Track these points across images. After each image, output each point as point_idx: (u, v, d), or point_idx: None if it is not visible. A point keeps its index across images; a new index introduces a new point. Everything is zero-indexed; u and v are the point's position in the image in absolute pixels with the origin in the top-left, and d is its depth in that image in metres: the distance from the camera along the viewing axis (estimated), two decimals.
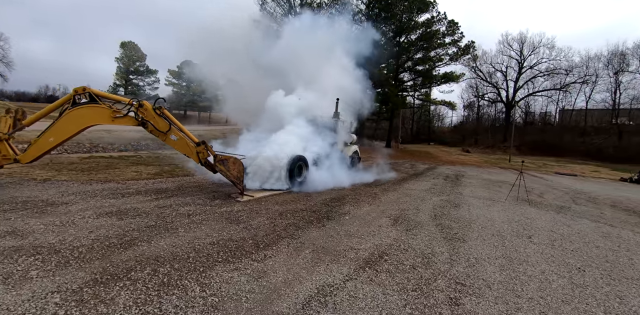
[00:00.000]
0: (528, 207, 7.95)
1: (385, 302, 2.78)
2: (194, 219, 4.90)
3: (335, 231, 4.82)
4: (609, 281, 3.74)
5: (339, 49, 16.05)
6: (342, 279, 3.18)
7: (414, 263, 3.77)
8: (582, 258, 4.48)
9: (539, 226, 6.14)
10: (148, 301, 2.53)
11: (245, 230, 4.50)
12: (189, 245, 3.78)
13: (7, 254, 3.14)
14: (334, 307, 2.63)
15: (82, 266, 3.03)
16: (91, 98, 5.66)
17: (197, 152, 6.28)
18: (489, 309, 2.83)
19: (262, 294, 2.77)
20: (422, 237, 4.83)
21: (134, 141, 17.89)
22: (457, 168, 18.52)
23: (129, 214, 4.87)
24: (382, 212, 6.32)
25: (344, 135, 11.66)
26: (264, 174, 8.03)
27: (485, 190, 10.50)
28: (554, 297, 3.20)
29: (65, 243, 3.54)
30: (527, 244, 4.95)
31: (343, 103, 14.66)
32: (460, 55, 26.69)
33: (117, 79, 55.42)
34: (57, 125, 5.46)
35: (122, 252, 3.42)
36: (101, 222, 4.38)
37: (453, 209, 7.11)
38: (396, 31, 27.52)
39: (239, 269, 3.22)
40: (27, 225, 3.98)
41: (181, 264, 3.24)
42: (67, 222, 4.24)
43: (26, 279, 2.72)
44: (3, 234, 3.65)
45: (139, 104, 5.93)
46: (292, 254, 3.75)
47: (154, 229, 4.27)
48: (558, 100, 42.03)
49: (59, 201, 5.21)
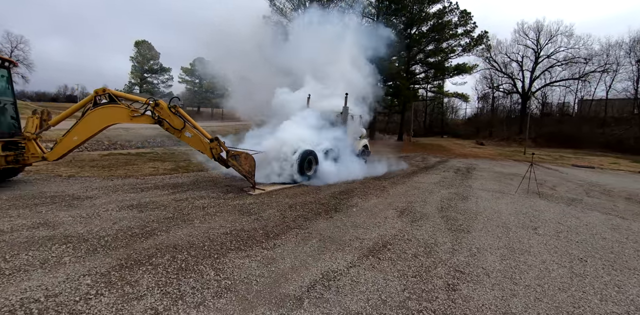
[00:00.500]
0: (538, 200, 7.92)
1: (385, 286, 2.97)
2: (208, 211, 5.19)
3: (342, 222, 5.02)
4: (610, 271, 3.80)
5: (349, 43, 16.05)
6: (346, 266, 3.38)
7: (416, 252, 3.93)
8: (586, 249, 4.52)
9: (547, 218, 6.16)
10: (168, 283, 2.80)
11: (256, 221, 4.76)
12: (204, 235, 4.05)
13: (42, 243, 3.49)
14: (336, 290, 2.84)
15: (108, 253, 3.35)
16: (111, 98, 6.00)
17: (211, 148, 6.56)
18: (484, 295, 2.97)
19: (271, 278, 3.00)
20: (427, 228, 4.97)
21: (150, 138, 18.52)
22: (469, 161, 18.33)
23: (148, 206, 5.20)
24: (389, 205, 6.47)
25: (354, 129, 11.77)
26: (275, 168, 8.30)
27: (495, 183, 10.44)
28: (551, 285, 3.30)
29: (92, 233, 3.87)
30: (531, 235, 5.01)
31: (353, 97, 14.73)
32: (473, 46, 26.05)
33: (133, 78, 56.82)
34: (80, 124, 5.83)
35: (144, 241, 3.73)
36: (123, 214, 4.72)
37: (460, 202, 7.18)
38: (407, 23, 27.07)
39: (250, 256, 3.47)
40: (57, 218, 4.35)
41: (197, 252, 3.51)
42: (92, 214, 4.60)
43: (60, 264, 3.04)
44: (36, 225, 4.02)
45: (155, 103, 6.22)
46: (300, 243, 3.97)
47: (172, 220, 4.57)
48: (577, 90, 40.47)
49: (83, 195, 5.61)
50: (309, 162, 8.76)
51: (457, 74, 27.96)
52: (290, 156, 8.27)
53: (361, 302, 2.66)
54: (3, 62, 5.59)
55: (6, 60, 5.68)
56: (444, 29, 25.13)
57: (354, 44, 16.07)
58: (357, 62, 15.58)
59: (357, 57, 15.73)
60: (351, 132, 11.52)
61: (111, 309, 2.39)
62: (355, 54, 15.71)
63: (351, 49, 15.94)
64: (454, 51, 27.11)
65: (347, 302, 2.65)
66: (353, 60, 15.37)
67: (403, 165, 13.63)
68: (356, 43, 16.21)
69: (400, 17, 27.03)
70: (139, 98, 6.31)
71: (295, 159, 8.20)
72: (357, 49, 16.09)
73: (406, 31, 27.75)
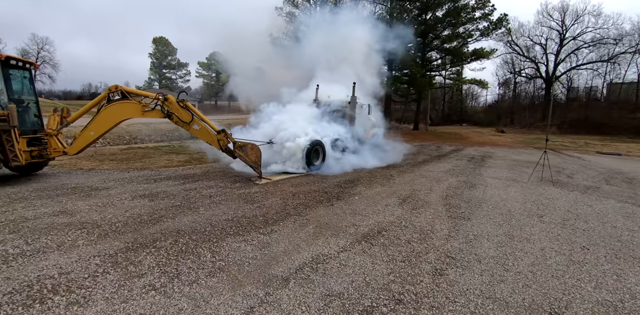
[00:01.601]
0: (551, 188, 7.68)
1: (372, 270, 3.07)
2: (214, 199, 5.44)
3: (342, 210, 5.13)
4: (612, 260, 3.69)
5: (361, 32, 15.81)
6: (337, 250, 3.51)
7: (410, 238, 3.99)
8: (591, 237, 4.39)
9: (556, 206, 6.00)
10: (168, 263, 3.04)
11: (258, 209, 4.96)
12: (207, 221, 4.29)
13: (60, 228, 3.83)
14: (323, 272, 2.98)
15: (117, 237, 3.64)
16: (123, 95, 6.32)
17: (218, 139, 6.79)
18: (471, 280, 3.00)
19: (263, 260, 3.18)
20: (426, 216, 5.00)
21: (168, 132, 19.18)
22: (485, 149, 17.82)
23: (159, 196, 5.52)
24: (393, 193, 6.50)
25: (363, 119, 11.72)
26: (283, 158, 8.49)
27: (509, 171, 10.17)
28: (545, 272, 3.26)
29: (105, 220, 4.20)
30: (535, 223, 4.93)
31: (364, 86, 14.58)
32: (492, 30, 24.73)
33: (152, 74, 58.48)
34: (96, 120, 6.20)
35: (151, 227, 4.01)
36: (135, 203, 5.05)
37: (467, 190, 7.09)
38: (421, 8, 26.09)
39: (246, 241, 3.67)
40: (75, 206, 4.72)
41: (198, 236, 3.75)
42: (107, 203, 4.95)
43: (74, 246, 3.35)
44: (57, 213, 4.39)
45: (164, 98, 6.48)
46: (297, 229, 4.13)
47: (179, 208, 4.85)
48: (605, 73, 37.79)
49: (101, 187, 6.01)
50: (317, 152, 8.88)
51: (474, 60, 26.77)
52: (297, 146, 8.41)
53: (345, 283, 2.78)
54: (24, 64, 5.99)
55: (27, 62, 6.09)
56: (460, 12, 24.00)
57: (366, 33, 15.83)
58: (369, 52, 15.35)
59: (370, 46, 15.49)
60: (360, 121, 11.49)
61: (114, 285, 2.64)
62: (367, 43, 15.47)
63: (363, 38, 15.71)
64: (471, 36, 25.90)
65: (331, 283, 2.78)
66: (365, 50, 15.16)
67: (415, 154, 13.49)
68: (369, 32, 15.95)
69: (414, 2, 26.06)
70: (149, 94, 6.60)
71: (303, 149, 8.33)
72: (369, 38, 15.84)
73: (421, 17, 26.78)
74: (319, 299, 2.52)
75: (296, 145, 8.40)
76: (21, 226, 3.87)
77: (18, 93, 6.03)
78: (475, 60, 26.73)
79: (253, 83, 16.13)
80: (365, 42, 15.36)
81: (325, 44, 15.46)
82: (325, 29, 16.46)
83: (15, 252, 3.18)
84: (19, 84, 6.04)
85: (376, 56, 16.27)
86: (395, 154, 11.90)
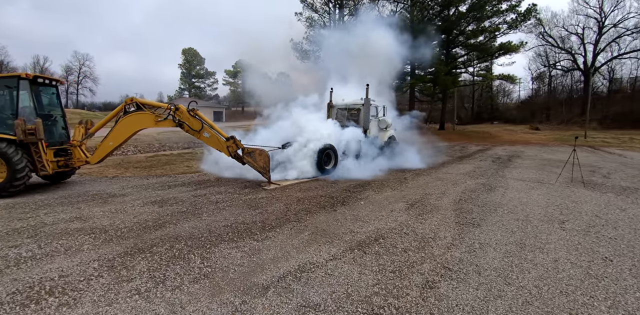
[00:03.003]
0: (581, 190, 7.05)
1: (357, 280, 2.97)
2: (219, 205, 5.58)
3: (343, 215, 5.04)
4: (639, 273, 3.28)
5: (381, 33, 15.64)
6: (327, 258, 3.44)
7: (407, 247, 3.82)
8: (618, 247, 3.94)
9: (583, 210, 5.49)
10: (158, 268, 3.15)
11: (259, 215, 5.00)
12: (206, 227, 4.40)
13: (71, 233, 4.11)
14: (305, 282, 2.92)
15: (120, 242, 3.83)
16: (137, 106, 6.69)
17: (227, 146, 6.97)
18: (464, 294, 2.77)
19: (249, 268, 3.19)
20: (432, 222, 4.77)
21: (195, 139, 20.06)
22: (515, 148, 16.78)
23: (168, 202, 5.76)
24: (402, 197, 6.29)
25: (377, 121, 11.50)
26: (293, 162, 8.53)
27: (536, 171, 9.48)
28: (553, 287, 2.93)
29: (113, 225, 4.44)
30: (554, 230, 4.53)
31: (382, 89, 14.35)
32: (521, 22, 23.31)
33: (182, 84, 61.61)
34: (114, 131, 6.62)
35: (152, 232, 4.18)
36: (145, 209, 5.30)
37: (484, 193, 6.70)
38: (443, 4, 25.25)
39: (238, 247, 3.71)
40: (90, 212, 5.05)
41: (194, 242, 3.85)
42: (119, 209, 5.24)
43: (79, 251, 3.58)
44: (72, 219, 4.72)
45: (175, 108, 6.78)
46: (292, 236, 4.11)
47: (184, 214, 5.02)
48: None
49: (119, 193, 6.39)
50: (328, 156, 8.84)
51: (502, 54, 25.34)
52: (307, 151, 8.43)
53: (324, 294, 2.71)
54: (51, 82, 6.56)
55: (53, 79, 6.67)
56: (485, 6, 22.88)
57: (386, 34, 15.62)
58: (390, 53, 15.09)
59: (390, 46, 15.24)
60: (374, 123, 11.28)
61: (104, 288, 2.78)
62: (387, 44, 15.24)
63: (383, 39, 15.52)
64: (498, 29, 24.57)
65: (310, 293, 2.72)
66: (385, 51, 14.93)
67: (435, 155, 12.99)
68: (389, 32, 15.73)
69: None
70: (162, 104, 6.94)
71: (313, 153, 8.33)
72: (389, 39, 15.62)
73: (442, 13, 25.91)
74: (293, 310, 2.47)
75: (306, 150, 8.42)
76: (39, 231, 4.20)
77: (47, 108, 6.62)
78: (503, 54, 25.31)
79: (274, 88, 16.49)
80: (386, 43, 15.14)
81: (344, 47, 15.46)
82: (344, 32, 16.50)
83: (27, 256, 3.46)
84: (47, 100, 6.62)
85: (397, 57, 15.98)
86: (413, 156, 11.54)
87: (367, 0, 29.65)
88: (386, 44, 15.06)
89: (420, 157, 11.62)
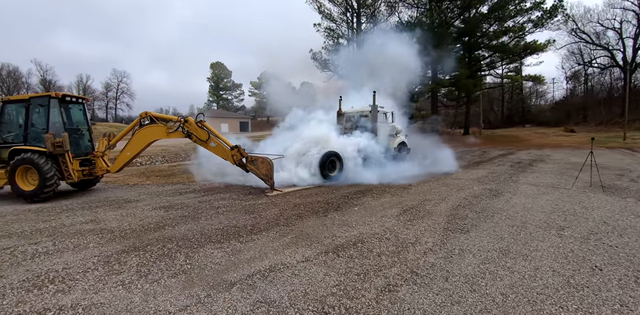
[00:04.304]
0: (598, 195, 6.62)
1: (319, 281, 3.09)
2: (219, 210, 5.93)
3: (332, 221, 5.16)
4: (628, 284, 3.01)
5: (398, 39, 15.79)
6: (299, 260, 3.59)
7: (383, 251, 3.87)
8: (615, 255, 3.67)
9: (591, 217, 5.19)
10: (145, 264, 3.49)
11: (252, 219, 5.27)
12: (200, 229, 4.73)
13: (84, 233, 4.62)
14: (270, 280, 3.11)
15: (121, 242, 4.25)
16: (151, 120, 7.34)
17: (232, 155, 7.40)
18: (421, 299, 2.77)
19: (224, 266, 3.43)
20: (418, 228, 4.76)
21: None
22: (541, 152, 15.86)
23: (175, 207, 6.22)
24: (399, 203, 6.29)
25: (386, 127, 11.51)
26: (297, 170, 8.79)
27: (555, 176, 8.98)
28: (522, 295, 2.83)
29: (121, 227, 4.92)
30: (549, 236, 4.34)
31: (400, 94, 14.37)
32: (547, 19, 22.23)
33: (210, 96, 64.88)
34: (131, 142, 7.30)
35: (151, 233, 4.58)
36: (152, 213, 5.78)
37: (487, 199, 6.51)
38: (462, 6, 24.80)
39: (222, 248, 3.98)
40: (105, 216, 5.61)
41: (184, 242, 4.18)
42: (130, 213, 5.76)
43: (86, 248, 4.03)
44: (87, 221, 5.28)
45: (185, 120, 7.35)
46: (275, 239, 4.31)
47: (184, 218, 5.42)
48: None
49: (134, 199, 6.98)
50: (332, 163, 9.00)
51: (529, 54, 24.22)
52: (310, 158, 8.66)
53: (283, 292, 2.87)
54: (78, 100, 7.42)
55: (80, 97, 7.53)
56: (506, 5, 22.14)
57: (402, 41, 15.75)
58: (406, 60, 15.14)
59: (406, 55, 15.30)
60: (383, 130, 11.31)
61: (95, 279, 3.16)
62: (403, 51, 15.33)
63: (399, 46, 15.65)
64: (523, 29, 23.62)
65: (271, 291, 2.90)
66: (401, 58, 15.01)
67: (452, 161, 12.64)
68: (407, 39, 15.86)
69: (455, 1, 24.91)
70: (173, 117, 7.55)
71: (316, 160, 8.54)
72: (407, 45, 15.72)
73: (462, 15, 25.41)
74: (249, 304, 2.67)
75: (309, 157, 8.65)
76: (57, 231, 4.76)
77: (75, 123, 7.46)
78: (530, 54, 24.17)
79: (295, 98, 17.08)
80: (402, 51, 15.23)
81: (361, 57, 15.76)
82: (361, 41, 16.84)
83: (42, 251, 3.97)
84: (75, 116, 7.48)
85: (415, 63, 15.97)
86: (424, 162, 11.36)
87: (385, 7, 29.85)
88: (402, 53, 15.14)
89: (433, 163, 11.40)
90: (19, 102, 6.86)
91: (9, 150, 6.68)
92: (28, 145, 6.69)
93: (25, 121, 6.73)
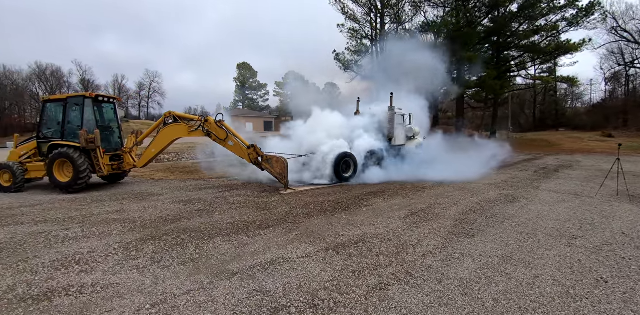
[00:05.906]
0: (623, 204, 6.28)
1: (315, 276, 3.24)
2: (233, 206, 6.24)
3: (339, 220, 5.30)
4: (632, 298, 2.90)
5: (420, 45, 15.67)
6: (300, 256, 3.77)
7: (382, 251, 3.95)
8: (625, 268, 3.50)
9: (610, 227, 4.96)
10: (159, 252, 3.81)
11: (263, 215, 5.52)
12: (212, 223, 5.04)
13: (109, 222, 5.06)
14: (270, 272, 3.30)
15: (140, 231, 4.64)
16: (174, 119, 7.82)
17: (248, 153, 7.71)
18: (409, 299, 2.82)
19: (229, 257, 3.68)
20: (423, 230, 4.78)
21: None
22: (571, 157, 15.05)
23: (193, 202, 6.61)
24: (408, 206, 6.30)
25: (403, 129, 11.44)
26: (312, 170, 8.99)
27: (580, 183, 8.56)
28: (514, 302, 2.80)
29: (142, 218, 5.33)
30: (558, 245, 4.22)
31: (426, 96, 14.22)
32: (582, 18, 20.93)
33: (236, 96, 66.71)
34: (156, 140, 7.81)
35: (168, 225, 4.94)
36: (172, 206, 6.19)
37: (501, 205, 6.37)
38: (490, 5, 23.94)
39: (230, 240, 4.24)
40: (129, 207, 6.08)
41: (197, 234, 4.49)
42: (152, 206, 6.20)
43: (109, 235, 4.44)
44: (113, 211, 5.76)
45: (205, 119, 7.75)
46: (281, 235, 4.52)
47: (200, 212, 5.77)
48: None
49: (157, 193, 7.47)
50: (347, 164, 9.11)
51: (562, 54, 22.93)
52: (325, 158, 8.82)
53: (279, 284, 3.05)
54: (109, 99, 8.05)
55: (112, 97, 8.17)
56: (537, 3, 21.10)
57: (426, 43, 15.63)
58: (430, 62, 14.98)
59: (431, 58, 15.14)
60: (400, 131, 11.25)
61: (115, 263, 3.52)
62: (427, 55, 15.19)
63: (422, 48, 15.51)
64: (556, 27, 22.40)
65: (268, 282, 3.09)
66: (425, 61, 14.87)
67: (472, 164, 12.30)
68: (431, 39, 15.72)
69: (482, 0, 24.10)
70: (194, 117, 7.99)
71: (330, 161, 8.69)
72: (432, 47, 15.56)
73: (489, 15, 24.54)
74: (246, 293, 2.87)
75: (324, 158, 8.81)
76: (86, 219, 5.25)
77: (107, 121, 8.11)
78: (563, 54, 22.88)
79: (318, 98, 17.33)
80: (426, 55, 15.10)
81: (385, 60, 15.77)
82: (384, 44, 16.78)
83: (72, 236, 4.42)
84: (106, 114, 8.13)
85: (440, 65, 15.75)
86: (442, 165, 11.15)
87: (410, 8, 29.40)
88: (426, 56, 14.99)
89: (451, 166, 11.17)
90: (57, 101, 7.60)
91: (48, 145, 7.41)
92: (65, 140, 7.38)
93: (62, 119, 7.43)
